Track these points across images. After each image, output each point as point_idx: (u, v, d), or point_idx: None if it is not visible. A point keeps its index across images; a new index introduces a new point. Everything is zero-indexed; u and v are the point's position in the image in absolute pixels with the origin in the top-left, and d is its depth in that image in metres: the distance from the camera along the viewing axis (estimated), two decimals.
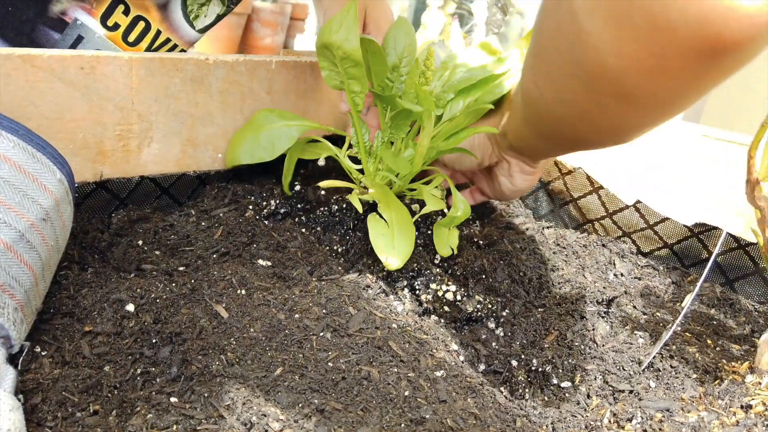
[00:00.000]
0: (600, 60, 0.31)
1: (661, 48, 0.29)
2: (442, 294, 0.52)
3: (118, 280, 0.44)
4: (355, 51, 0.53)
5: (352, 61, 0.54)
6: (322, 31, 0.54)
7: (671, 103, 0.33)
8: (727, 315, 0.59)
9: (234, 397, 0.35)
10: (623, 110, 0.34)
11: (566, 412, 0.42)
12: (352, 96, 0.58)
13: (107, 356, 0.38)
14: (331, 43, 0.53)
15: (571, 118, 0.38)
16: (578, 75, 0.34)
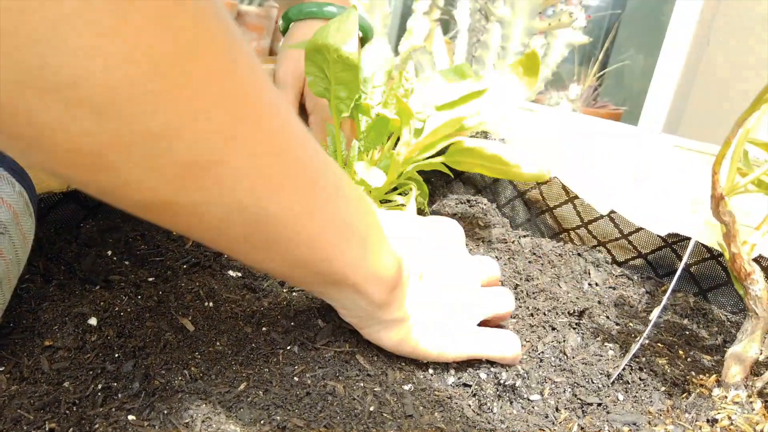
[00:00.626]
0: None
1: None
2: None
3: (82, 293, 0.43)
4: (351, 54, 0.53)
5: (345, 64, 0.54)
6: (317, 33, 0.54)
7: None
8: (700, 325, 0.60)
9: (194, 414, 0.34)
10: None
11: (534, 426, 0.42)
12: (337, 102, 0.58)
13: (67, 371, 0.37)
14: (328, 45, 0.53)
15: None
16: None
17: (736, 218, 0.39)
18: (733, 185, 0.38)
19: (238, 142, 0.28)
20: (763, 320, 0.42)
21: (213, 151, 0.27)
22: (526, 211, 0.74)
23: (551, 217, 0.71)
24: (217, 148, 0.27)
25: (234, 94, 0.27)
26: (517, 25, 1.01)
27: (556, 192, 0.70)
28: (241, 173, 0.28)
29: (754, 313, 0.42)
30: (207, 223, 0.30)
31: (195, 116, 0.26)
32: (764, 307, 0.41)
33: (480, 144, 0.59)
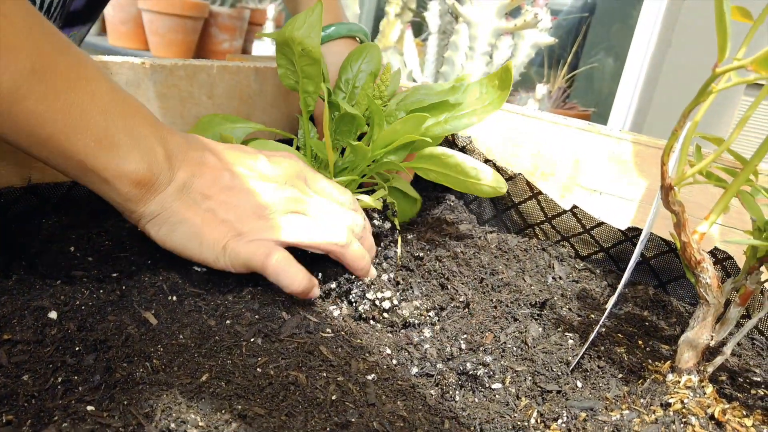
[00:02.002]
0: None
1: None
2: (380, 300, 0.53)
3: (43, 287, 0.43)
4: (315, 48, 0.54)
5: (310, 58, 0.55)
6: (285, 27, 0.55)
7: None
8: (660, 316, 0.61)
9: (154, 405, 0.34)
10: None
11: (495, 413, 0.43)
12: (305, 96, 0.58)
13: (26, 365, 0.37)
14: (293, 38, 0.53)
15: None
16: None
17: (684, 207, 0.40)
18: (682, 175, 0.39)
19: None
20: (713, 307, 0.43)
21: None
22: (493, 208, 0.75)
23: (516, 212, 0.73)
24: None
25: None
26: (484, 26, 1.03)
27: (520, 188, 0.71)
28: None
29: (705, 301, 0.43)
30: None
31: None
32: (714, 294, 0.43)
33: (445, 151, 0.60)
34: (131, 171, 0.44)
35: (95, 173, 0.44)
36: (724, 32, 0.34)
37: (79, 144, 0.43)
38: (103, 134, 0.43)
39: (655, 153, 0.65)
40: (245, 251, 0.47)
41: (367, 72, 0.64)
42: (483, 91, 0.60)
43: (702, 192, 0.61)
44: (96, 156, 0.43)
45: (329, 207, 0.52)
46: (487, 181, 0.59)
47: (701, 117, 0.38)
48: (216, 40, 2.52)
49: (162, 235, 0.47)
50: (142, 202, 0.46)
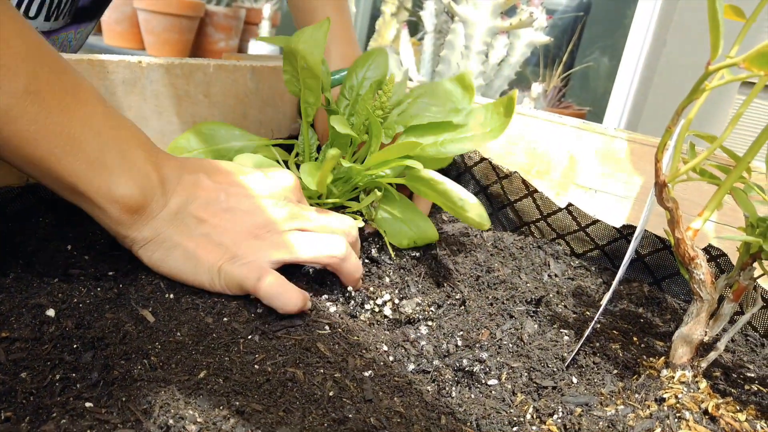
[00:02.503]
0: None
1: None
2: (379, 297, 0.53)
3: (40, 285, 0.43)
4: (315, 65, 0.54)
5: (311, 72, 0.55)
6: (294, 36, 0.55)
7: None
8: (654, 313, 0.62)
9: (152, 401, 0.35)
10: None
11: (491, 409, 0.43)
12: (305, 106, 0.58)
13: (24, 362, 0.37)
14: (297, 50, 0.54)
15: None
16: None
17: (678, 204, 0.41)
18: (676, 172, 0.40)
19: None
20: (707, 303, 0.44)
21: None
22: (489, 206, 0.75)
23: (512, 210, 0.73)
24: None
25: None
26: (479, 25, 1.03)
27: (516, 186, 0.72)
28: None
29: (699, 297, 0.43)
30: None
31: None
32: (708, 290, 0.43)
33: (434, 177, 0.58)
34: (123, 196, 0.44)
35: (86, 197, 0.44)
36: (717, 30, 0.34)
37: (69, 167, 0.43)
38: (95, 157, 0.43)
39: (649, 151, 0.66)
40: (238, 273, 0.46)
41: (372, 79, 0.63)
42: (488, 117, 0.60)
43: (695, 189, 0.62)
44: (87, 179, 0.43)
45: (325, 220, 0.52)
46: (472, 214, 0.58)
47: (695, 114, 0.39)
48: (212, 40, 2.52)
49: (155, 260, 0.47)
50: (134, 227, 0.46)
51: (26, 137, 0.41)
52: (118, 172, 0.44)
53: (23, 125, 0.40)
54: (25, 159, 0.42)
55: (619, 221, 0.67)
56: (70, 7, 0.75)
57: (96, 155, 0.43)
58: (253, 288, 0.46)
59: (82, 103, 0.43)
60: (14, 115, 0.40)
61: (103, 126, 0.44)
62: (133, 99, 0.57)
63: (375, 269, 0.58)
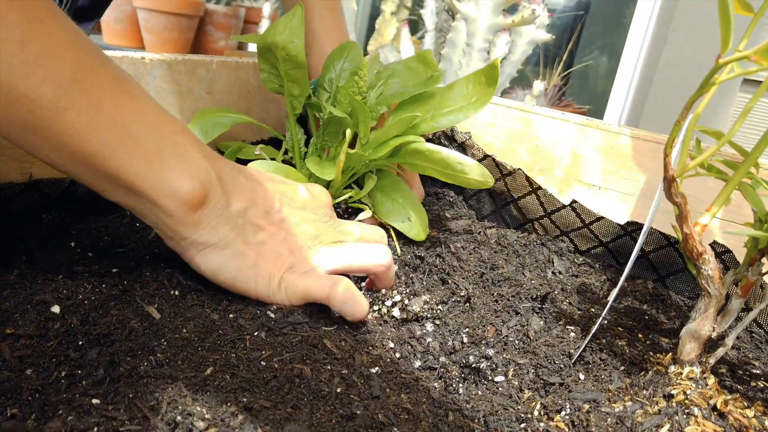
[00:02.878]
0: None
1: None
2: (389, 298, 0.53)
3: (45, 281, 0.43)
4: (299, 52, 0.54)
5: (294, 63, 0.54)
6: (266, 32, 0.54)
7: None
8: (659, 310, 0.62)
9: (160, 398, 0.34)
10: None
11: (498, 406, 0.43)
12: (291, 100, 0.58)
13: (29, 359, 0.37)
14: (275, 43, 0.53)
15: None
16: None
17: (687, 199, 0.40)
18: (684, 167, 0.40)
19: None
20: (715, 299, 0.43)
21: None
22: (492, 203, 0.75)
23: (516, 208, 0.73)
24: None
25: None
26: (481, 22, 1.03)
27: (520, 183, 0.71)
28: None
29: (707, 292, 0.43)
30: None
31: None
32: (716, 286, 0.43)
33: (430, 147, 0.59)
34: (185, 190, 0.42)
35: (144, 195, 0.41)
36: (728, 23, 0.34)
37: (126, 162, 0.40)
38: (153, 151, 0.41)
39: (653, 147, 0.66)
40: (304, 284, 0.46)
41: (349, 71, 0.63)
42: (470, 88, 0.60)
43: (700, 186, 0.62)
44: (146, 176, 0.41)
45: (363, 232, 0.53)
46: (474, 175, 0.59)
47: (702, 109, 0.38)
48: (211, 38, 2.52)
49: (214, 267, 0.45)
50: (195, 226, 0.43)
51: (78, 130, 0.38)
52: (177, 167, 0.42)
53: (74, 117, 0.37)
54: (76, 156, 0.39)
55: (622, 218, 0.67)
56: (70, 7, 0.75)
57: (153, 149, 0.41)
58: (327, 296, 0.45)
59: (131, 95, 0.41)
60: (64, 105, 0.37)
61: (156, 119, 0.42)
62: None
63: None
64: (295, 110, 0.58)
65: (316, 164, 0.55)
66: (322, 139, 0.61)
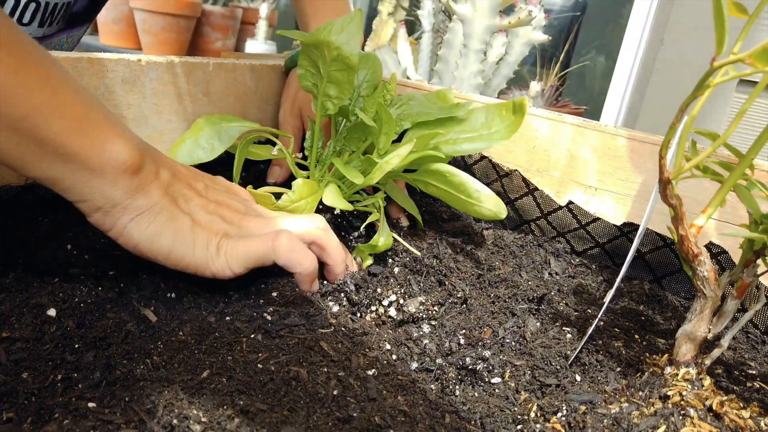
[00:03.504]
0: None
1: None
2: (385, 298, 0.53)
3: (41, 284, 0.43)
4: (352, 55, 0.53)
5: (344, 64, 0.54)
6: (319, 30, 0.54)
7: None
8: (655, 311, 0.62)
9: (156, 401, 0.34)
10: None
11: (495, 407, 0.43)
12: (324, 100, 0.57)
13: (25, 362, 0.37)
14: (329, 42, 0.52)
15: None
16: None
17: (682, 201, 0.41)
18: (680, 169, 0.40)
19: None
20: (711, 300, 0.43)
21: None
22: None
23: (512, 209, 0.73)
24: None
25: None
26: (477, 24, 1.03)
27: (516, 184, 0.72)
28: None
29: (702, 294, 0.43)
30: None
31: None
32: (711, 287, 0.43)
33: (451, 170, 0.59)
34: (119, 153, 0.41)
35: (78, 159, 0.39)
36: (723, 26, 0.34)
37: (58, 124, 0.38)
38: (83, 113, 0.40)
39: (649, 149, 0.66)
40: (244, 244, 0.45)
41: (370, 82, 0.64)
42: (489, 118, 0.61)
43: (696, 187, 0.62)
44: (78, 137, 0.39)
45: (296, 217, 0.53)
46: (489, 206, 0.59)
47: (698, 111, 0.39)
48: (209, 39, 2.51)
49: (148, 234, 0.43)
50: (130, 190, 0.42)
51: (7, 92, 0.36)
52: (109, 130, 0.41)
53: (3, 77, 0.36)
54: (8, 120, 0.37)
55: (619, 219, 0.67)
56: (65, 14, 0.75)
57: (83, 111, 0.40)
58: (270, 248, 0.45)
59: (52, 62, 0.40)
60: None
61: (79, 87, 0.41)
62: (133, 97, 0.57)
63: (381, 268, 0.58)
64: (326, 111, 0.58)
65: (344, 166, 0.55)
66: (342, 143, 0.61)
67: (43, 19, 0.72)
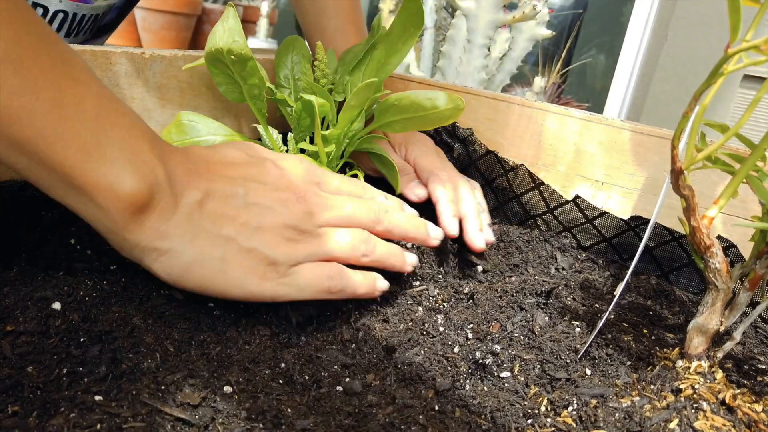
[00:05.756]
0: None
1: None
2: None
3: (45, 278, 0.42)
4: (243, 48, 0.52)
5: (242, 60, 0.53)
6: (208, 42, 0.53)
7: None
8: (663, 306, 0.61)
9: (164, 395, 0.34)
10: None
11: (505, 401, 0.42)
12: (254, 102, 0.57)
13: (30, 356, 0.36)
14: (220, 48, 0.52)
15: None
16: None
17: (695, 192, 0.40)
18: (692, 159, 0.39)
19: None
20: (722, 292, 0.43)
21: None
22: (494, 199, 0.75)
23: (518, 203, 0.72)
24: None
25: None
26: (482, 19, 1.03)
27: (522, 179, 0.71)
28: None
29: (714, 286, 0.43)
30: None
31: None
32: (723, 279, 0.43)
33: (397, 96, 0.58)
34: (126, 190, 0.38)
35: (83, 191, 0.37)
36: (737, 12, 0.33)
37: (62, 152, 0.36)
38: (93, 144, 0.37)
39: (657, 142, 0.65)
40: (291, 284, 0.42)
41: (301, 63, 0.64)
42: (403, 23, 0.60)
43: (704, 181, 0.61)
44: (84, 169, 0.37)
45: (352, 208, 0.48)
46: (444, 105, 0.57)
47: (710, 100, 0.38)
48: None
49: (175, 276, 0.40)
50: (142, 232, 0.39)
51: (10, 114, 0.34)
52: (119, 163, 0.38)
53: (4, 99, 0.34)
54: (12, 142, 0.35)
55: (626, 213, 0.66)
56: (92, 25, 0.74)
57: (93, 141, 0.37)
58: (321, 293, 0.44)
59: (74, 80, 0.37)
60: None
61: (100, 109, 0.38)
62: (136, 90, 0.56)
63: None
64: (261, 111, 0.57)
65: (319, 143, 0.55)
66: (298, 133, 0.61)
67: (70, 29, 0.72)
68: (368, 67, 0.61)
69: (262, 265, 0.41)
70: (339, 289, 0.44)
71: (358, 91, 0.54)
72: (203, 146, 0.46)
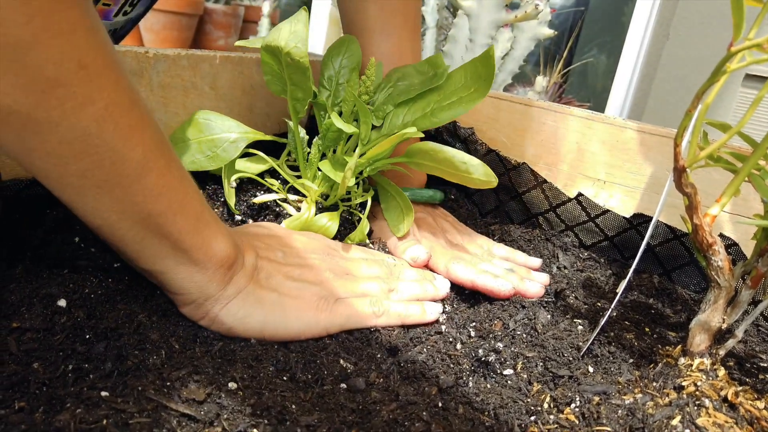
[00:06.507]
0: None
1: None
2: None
3: (50, 275, 0.43)
4: (303, 58, 0.53)
5: (297, 67, 0.54)
6: (271, 34, 0.54)
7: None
8: (665, 304, 0.62)
9: (170, 391, 0.34)
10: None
11: (508, 398, 0.42)
12: (294, 103, 0.57)
13: (36, 353, 0.36)
14: (279, 48, 0.52)
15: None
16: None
17: (697, 190, 0.40)
18: (695, 157, 0.39)
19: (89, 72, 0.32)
20: (725, 290, 0.43)
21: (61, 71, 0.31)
22: (495, 199, 0.75)
23: (520, 202, 0.72)
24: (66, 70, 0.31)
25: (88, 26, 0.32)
26: (483, 18, 1.03)
27: (525, 178, 0.71)
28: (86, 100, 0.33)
29: (716, 284, 0.43)
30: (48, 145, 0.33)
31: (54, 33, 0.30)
32: (726, 277, 0.43)
33: (434, 146, 0.58)
34: (221, 250, 0.42)
35: (187, 254, 0.41)
36: (741, 10, 0.34)
37: (181, 222, 0.40)
38: (200, 212, 0.41)
39: (659, 141, 0.65)
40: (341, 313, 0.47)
41: (349, 67, 0.63)
42: (468, 78, 0.59)
43: (705, 179, 0.62)
44: (194, 235, 0.41)
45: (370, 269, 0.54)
46: (478, 175, 0.57)
47: (712, 99, 0.38)
48: (211, 37, 2.51)
49: (240, 317, 0.43)
50: (223, 283, 0.43)
51: (153, 191, 0.38)
52: (215, 227, 0.42)
53: (154, 179, 0.38)
54: (141, 216, 0.38)
55: (628, 212, 0.66)
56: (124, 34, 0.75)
57: (200, 209, 0.42)
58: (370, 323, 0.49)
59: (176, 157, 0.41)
60: (150, 167, 0.37)
61: (193, 182, 0.42)
62: (140, 90, 0.56)
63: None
64: (298, 113, 0.58)
65: (329, 168, 0.55)
66: (324, 142, 0.61)
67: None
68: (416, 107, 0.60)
69: (314, 299, 0.47)
70: (382, 312, 0.49)
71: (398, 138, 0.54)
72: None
